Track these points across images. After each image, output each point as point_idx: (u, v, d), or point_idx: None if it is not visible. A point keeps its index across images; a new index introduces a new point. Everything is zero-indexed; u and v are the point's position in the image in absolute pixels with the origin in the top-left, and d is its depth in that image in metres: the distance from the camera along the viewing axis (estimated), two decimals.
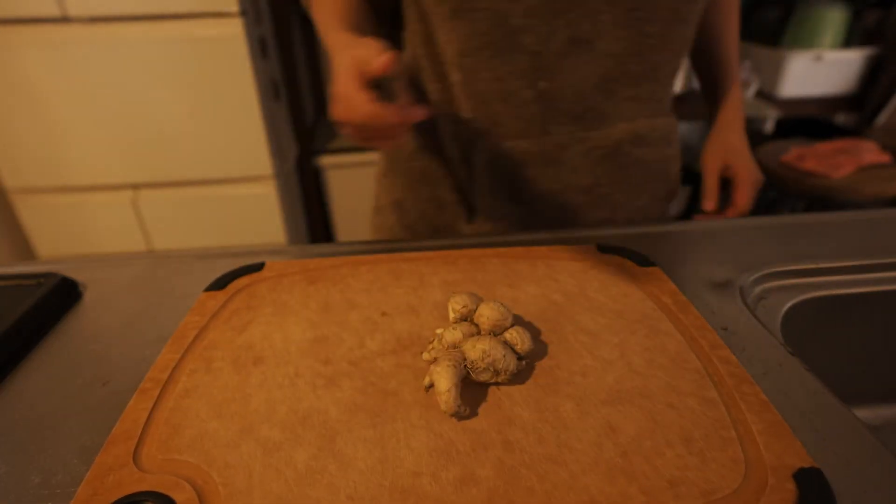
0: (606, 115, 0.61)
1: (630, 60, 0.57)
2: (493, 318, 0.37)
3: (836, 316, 0.50)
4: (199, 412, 0.34)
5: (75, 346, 0.43)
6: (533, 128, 0.60)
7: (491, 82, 0.57)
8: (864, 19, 1.67)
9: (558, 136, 0.61)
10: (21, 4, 1.22)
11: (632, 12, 0.54)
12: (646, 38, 0.56)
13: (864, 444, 0.32)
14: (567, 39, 0.54)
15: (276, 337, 0.41)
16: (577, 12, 0.53)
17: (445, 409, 0.32)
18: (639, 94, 0.60)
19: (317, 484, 0.29)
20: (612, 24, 0.54)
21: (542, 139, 0.61)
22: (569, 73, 0.56)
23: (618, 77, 0.58)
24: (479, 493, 0.28)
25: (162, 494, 0.28)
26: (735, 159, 0.68)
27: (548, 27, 0.53)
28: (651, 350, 0.38)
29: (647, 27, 0.55)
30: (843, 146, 1.53)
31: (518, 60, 0.56)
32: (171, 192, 1.49)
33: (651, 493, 0.28)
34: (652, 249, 0.53)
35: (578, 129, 0.60)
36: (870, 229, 0.57)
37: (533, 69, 0.56)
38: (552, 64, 0.56)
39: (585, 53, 0.55)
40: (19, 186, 1.44)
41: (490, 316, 0.37)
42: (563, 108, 0.59)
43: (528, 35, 0.54)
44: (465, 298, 0.40)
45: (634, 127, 0.63)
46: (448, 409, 0.32)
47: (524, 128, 0.60)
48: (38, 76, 1.29)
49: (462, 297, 0.40)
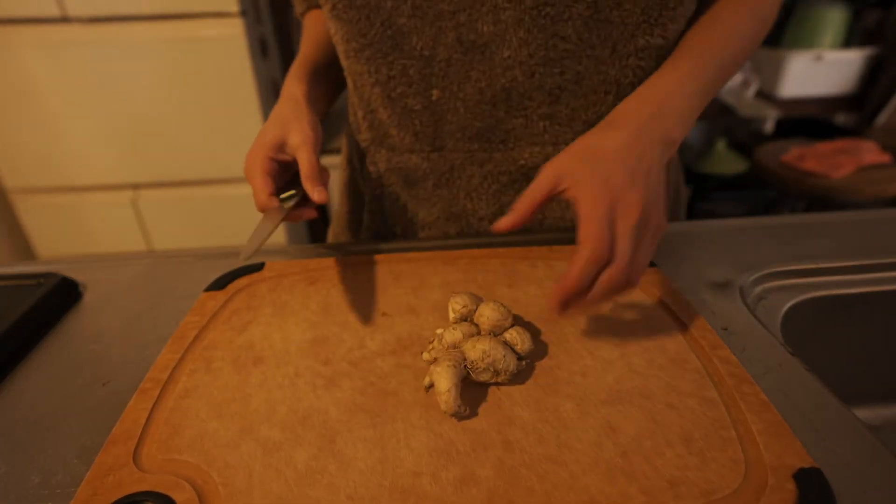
0: (513, 135, 0.52)
1: (541, 70, 0.48)
2: (493, 318, 0.37)
3: (836, 316, 0.50)
4: (199, 412, 0.34)
5: (75, 346, 0.43)
6: (423, 142, 0.54)
7: (374, 87, 0.52)
8: (864, 19, 1.67)
9: (453, 154, 0.54)
10: (21, 4, 1.22)
11: (539, 9, 0.45)
12: (560, 42, 0.46)
13: (864, 444, 0.32)
14: (455, 42, 0.48)
15: (276, 337, 0.41)
16: (468, 12, 0.46)
17: (445, 409, 0.32)
18: (557, 112, 0.51)
19: (317, 484, 0.29)
20: (516, 24, 0.46)
21: (432, 155, 0.54)
22: (462, 82, 0.50)
23: (527, 91, 0.49)
24: (479, 493, 0.28)
25: (162, 494, 0.28)
26: (583, 174, 0.36)
27: (434, 28, 0.47)
28: (651, 350, 0.38)
29: (559, 28, 0.46)
30: (843, 146, 1.53)
31: (404, 65, 0.50)
32: (171, 192, 1.49)
33: (651, 493, 0.28)
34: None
35: (478, 148, 0.53)
36: (870, 229, 0.57)
37: (422, 76, 0.50)
38: (444, 71, 0.49)
39: (480, 60, 0.48)
40: (19, 186, 1.44)
41: (490, 316, 0.37)
42: (457, 122, 0.52)
43: (416, 37, 0.48)
44: (465, 298, 0.40)
45: (552, 153, 0.52)
46: (448, 409, 0.32)
47: (413, 141, 0.54)
48: (38, 76, 1.29)
49: (462, 298, 0.40)
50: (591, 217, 0.34)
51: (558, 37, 0.46)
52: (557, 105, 0.50)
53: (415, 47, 0.48)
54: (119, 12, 1.25)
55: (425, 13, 0.47)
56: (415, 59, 0.49)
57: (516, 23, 0.46)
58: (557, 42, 0.47)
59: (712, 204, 1.82)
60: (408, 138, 0.54)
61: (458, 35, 0.47)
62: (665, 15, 0.46)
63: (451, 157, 0.54)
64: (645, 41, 0.47)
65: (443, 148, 0.54)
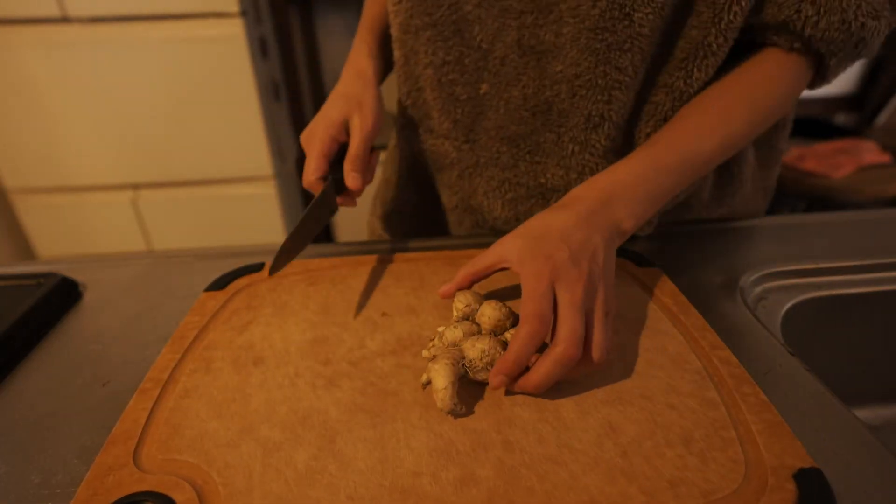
0: (541, 149, 0.51)
1: (583, 93, 0.47)
2: (494, 317, 0.37)
3: (836, 316, 0.50)
4: (199, 412, 0.34)
5: (75, 346, 0.43)
6: (459, 131, 0.54)
7: (427, 68, 0.51)
8: None
9: (482, 151, 0.54)
10: (21, 4, 1.22)
11: (597, 32, 0.43)
12: (612, 70, 0.45)
13: (864, 444, 0.32)
14: (515, 43, 0.47)
15: (276, 337, 0.41)
16: (534, 15, 0.46)
17: (441, 406, 0.32)
18: (592, 139, 0.49)
19: (317, 484, 0.29)
20: (573, 40, 0.45)
21: (464, 146, 0.54)
22: (511, 83, 0.49)
23: (566, 109, 0.48)
24: (479, 493, 0.28)
25: (162, 494, 0.28)
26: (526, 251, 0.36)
27: (497, 23, 0.47)
28: (651, 350, 0.38)
29: (614, 56, 0.44)
30: (843, 146, 1.53)
31: (461, 52, 0.49)
32: (171, 192, 1.49)
33: (651, 493, 0.28)
34: (652, 249, 0.53)
35: (506, 151, 0.53)
36: (870, 229, 0.57)
37: (476, 68, 0.50)
38: (497, 68, 0.49)
39: (534, 67, 0.48)
40: (19, 186, 1.44)
41: (492, 315, 0.37)
42: (496, 120, 0.52)
43: (478, 27, 0.48)
44: (468, 297, 0.40)
45: (574, 182, 0.51)
46: (444, 407, 0.32)
47: (450, 128, 0.54)
48: (38, 76, 1.29)
49: (466, 296, 0.40)
50: (532, 294, 0.33)
51: (611, 65, 0.45)
52: (595, 133, 0.48)
53: (475, 37, 0.48)
54: (119, 12, 1.25)
55: (492, 6, 0.46)
56: (473, 49, 0.49)
57: (573, 39, 0.45)
58: (610, 70, 0.45)
59: None
60: (446, 124, 0.54)
61: (519, 36, 0.47)
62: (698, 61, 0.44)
63: (479, 152, 0.54)
64: (670, 80, 0.46)
65: (475, 142, 0.54)
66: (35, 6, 1.22)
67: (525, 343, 0.32)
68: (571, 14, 0.44)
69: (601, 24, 0.43)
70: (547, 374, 0.32)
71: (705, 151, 0.43)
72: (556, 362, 0.32)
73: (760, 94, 0.44)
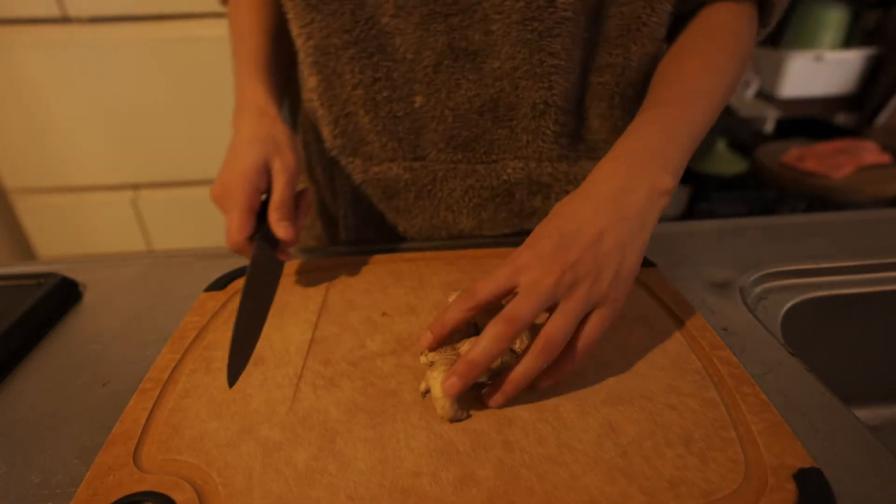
0: (497, 147, 0.51)
1: (525, 83, 0.47)
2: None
3: (836, 316, 0.50)
4: (199, 412, 0.34)
5: (75, 346, 0.43)
6: (405, 150, 0.51)
7: (356, 89, 0.49)
8: (864, 19, 1.67)
9: (435, 165, 0.52)
10: (21, 4, 1.22)
11: (526, 23, 0.44)
12: (547, 57, 0.46)
13: (864, 444, 0.32)
14: (446, 48, 0.46)
15: (276, 337, 0.41)
16: (461, 17, 0.45)
17: (442, 414, 0.32)
18: (541, 127, 0.50)
19: (317, 484, 0.29)
20: (504, 35, 0.45)
21: (414, 164, 0.52)
22: (452, 89, 0.48)
23: (513, 102, 0.48)
24: (479, 494, 0.28)
25: (162, 494, 0.28)
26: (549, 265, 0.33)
27: (420, 31, 0.45)
28: (651, 350, 0.38)
29: (546, 43, 0.45)
30: (843, 146, 1.53)
31: (389, 67, 0.47)
32: (171, 192, 1.49)
33: (651, 493, 0.28)
34: (652, 249, 0.53)
35: (462, 158, 0.52)
36: (870, 229, 0.57)
37: (406, 80, 0.48)
38: (430, 77, 0.47)
39: (471, 69, 0.47)
40: (19, 186, 1.44)
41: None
42: (444, 130, 0.50)
43: (398, 39, 0.46)
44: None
45: (535, 170, 0.52)
46: (445, 415, 0.32)
47: (394, 149, 0.51)
48: (37, 76, 1.29)
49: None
50: (525, 291, 0.31)
51: (546, 52, 0.46)
52: (543, 119, 0.49)
53: (398, 49, 0.47)
54: (119, 12, 1.25)
55: (410, 14, 0.45)
56: (398, 62, 0.47)
57: (504, 35, 0.45)
58: (545, 57, 0.46)
59: (712, 204, 1.82)
60: (390, 145, 0.51)
61: (449, 40, 0.46)
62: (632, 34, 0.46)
63: (434, 168, 0.52)
64: (621, 60, 0.47)
65: (425, 157, 0.52)
66: (35, 6, 1.22)
67: (485, 348, 0.30)
68: (496, 11, 0.44)
69: (527, 15, 0.44)
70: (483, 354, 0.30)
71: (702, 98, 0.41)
72: (531, 356, 0.31)
73: (734, 42, 0.44)
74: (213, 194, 0.42)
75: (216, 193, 0.42)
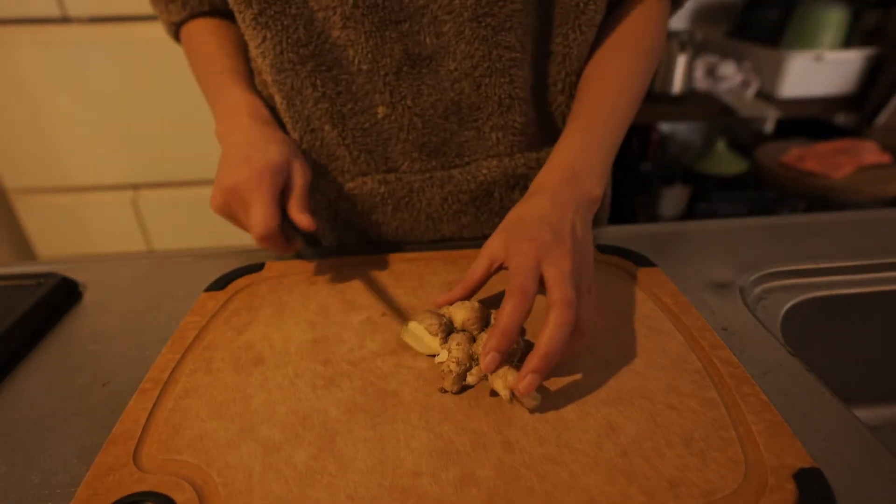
0: (467, 149, 0.51)
1: (487, 81, 0.47)
2: (463, 316, 0.37)
3: (836, 316, 0.50)
4: (199, 412, 0.34)
5: (75, 346, 0.43)
6: (377, 162, 0.51)
7: (319, 103, 0.48)
8: (864, 19, 1.67)
9: (409, 176, 0.52)
10: (21, 4, 1.22)
11: (479, 20, 0.44)
12: (505, 51, 0.46)
13: (864, 444, 0.32)
14: (403, 54, 0.46)
15: (276, 337, 0.41)
16: (410, 23, 0.44)
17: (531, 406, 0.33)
18: (510, 122, 0.50)
19: (317, 484, 0.29)
20: (457, 36, 0.45)
21: (388, 177, 0.52)
22: (415, 96, 0.48)
23: (476, 102, 0.48)
24: (479, 493, 0.28)
25: (162, 494, 0.28)
26: (511, 241, 0.37)
27: (376, 40, 0.45)
28: (651, 350, 0.38)
29: (502, 38, 0.45)
30: (843, 146, 1.53)
31: (348, 80, 0.47)
32: (171, 192, 1.49)
33: (651, 493, 0.28)
34: (652, 249, 0.53)
35: (436, 165, 0.51)
36: (870, 229, 0.57)
37: (366, 92, 0.47)
38: (393, 85, 0.47)
39: (427, 74, 0.47)
40: (19, 186, 1.44)
41: (462, 315, 0.38)
42: (413, 139, 0.50)
43: (351, 50, 0.45)
44: (466, 310, 0.38)
45: (509, 165, 0.52)
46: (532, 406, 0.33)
47: (366, 161, 0.51)
48: (38, 76, 1.29)
49: (464, 310, 0.38)
50: (517, 271, 0.34)
51: (502, 46, 0.45)
52: (510, 114, 0.49)
53: (352, 61, 0.46)
54: (119, 12, 1.25)
55: (359, 24, 0.44)
56: (354, 73, 0.47)
57: (457, 35, 0.45)
58: (503, 52, 0.46)
59: (712, 204, 1.82)
60: (361, 158, 0.51)
61: (404, 46, 0.45)
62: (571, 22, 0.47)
63: (409, 178, 0.52)
64: (578, 36, 0.48)
65: (397, 169, 0.52)
66: (35, 6, 1.22)
67: (510, 316, 0.32)
68: (446, 11, 0.44)
69: (479, 11, 0.44)
70: (550, 341, 0.31)
71: (623, 103, 0.46)
72: (557, 325, 0.32)
73: (645, 37, 0.48)
74: (224, 192, 0.42)
75: (229, 192, 0.41)
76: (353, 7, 0.43)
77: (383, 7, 0.43)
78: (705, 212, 1.82)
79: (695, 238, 0.56)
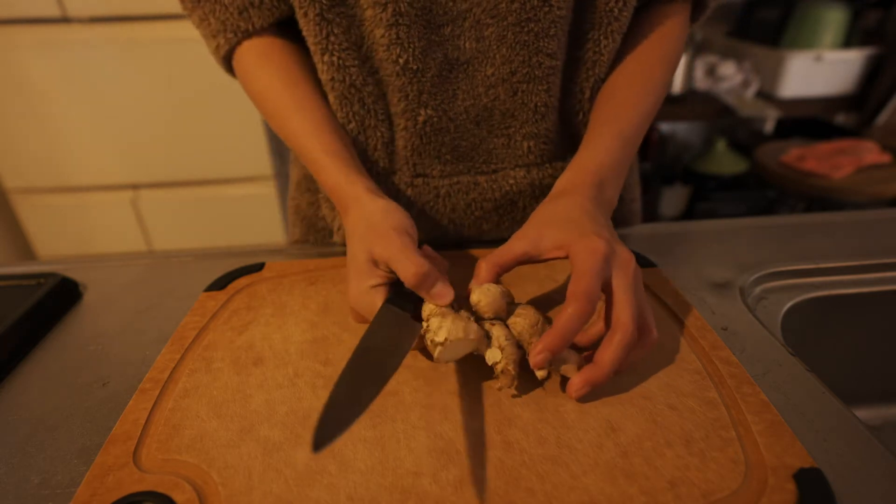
0: (495, 156, 0.51)
1: (524, 87, 0.47)
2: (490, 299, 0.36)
3: (836, 316, 0.50)
4: (199, 412, 0.34)
5: (75, 346, 0.43)
6: (408, 166, 0.51)
7: (376, 103, 0.48)
8: (864, 19, 1.67)
9: (437, 180, 0.51)
10: (21, 4, 1.22)
11: (523, 25, 0.43)
12: (545, 58, 0.45)
13: (864, 444, 0.32)
14: (444, 58, 0.45)
15: (276, 337, 0.41)
16: (454, 26, 0.44)
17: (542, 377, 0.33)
18: (542, 130, 0.49)
19: (317, 484, 0.29)
20: (498, 41, 0.44)
21: (416, 181, 0.52)
22: (451, 100, 0.47)
23: (510, 109, 0.48)
24: (479, 494, 0.28)
25: (162, 494, 0.28)
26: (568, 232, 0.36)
27: (424, 42, 0.44)
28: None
29: (543, 44, 0.44)
30: (843, 146, 1.53)
31: (390, 82, 0.46)
32: (170, 192, 1.49)
33: (651, 493, 0.28)
34: (652, 249, 0.53)
35: (463, 169, 0.51)
36: (870, 229, 0.57)
37: (406, 94, 0.46)
38: (436, 88, 0.46)
39: (464, 79, 0.47)
40: (19, 186, 1.44)
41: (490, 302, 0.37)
42: (445, 143, 0.50)
43: (399, 49, 0.44)
44: (493, 292, 0.36)
45: (537, 175, 0.52)
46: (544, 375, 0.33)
47: (398, 165, 0.51)
48: (38, 76, 1.29)
49: (490, 292, 0.36)
50: (587, 271, 0.32)
51: (543, 53, 0.45)
52: (544, 122, 0.49)
53: (396, 62, 0.45)
54: (119, 12, 1.25)
55: (414, 22, 0.43)
56: (397, 75, 0.46)
57: (499, 40, 0.44)
58: (543, 59, 0.45)
59: (712, 204, 1.82)
60: (396, 161, 0.51)
61: (444, 51, 0.45)
62: (604, 29, 0.46)
63: (436, 183, 0.52)
64: (580, 54, 0.48)
65: (426, 174, 0.51)
66: (35, 6, 1.22)
67: (570, 319, 0.31)
68: (489, 15, 0.43)
69: (523, 16, 0.43)
70: (614, 361, 0.32)
71: (646, 112, 0.46)
72: (622, 345, 0.32)
73: (669, 46, 0.48)
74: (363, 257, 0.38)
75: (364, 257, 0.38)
76: (409, 6, 0.42)
77: (430, 10, 0.43)
78: (705, 212, 1.82)
79: (695, 238, 0.56)
